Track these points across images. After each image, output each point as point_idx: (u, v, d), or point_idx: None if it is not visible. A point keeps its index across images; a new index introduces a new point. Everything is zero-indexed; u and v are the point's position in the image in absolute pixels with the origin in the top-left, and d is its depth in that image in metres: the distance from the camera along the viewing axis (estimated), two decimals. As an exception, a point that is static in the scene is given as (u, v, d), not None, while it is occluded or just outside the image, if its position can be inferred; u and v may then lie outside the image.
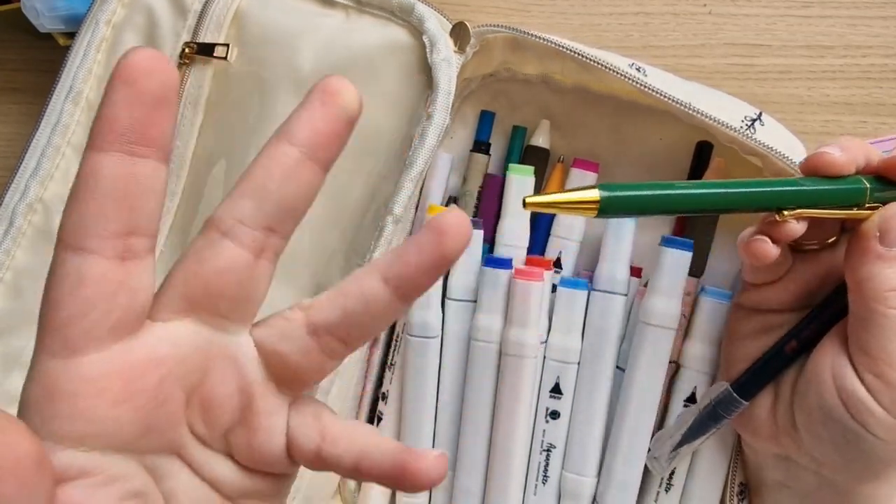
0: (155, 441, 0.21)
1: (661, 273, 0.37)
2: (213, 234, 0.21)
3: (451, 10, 0.41)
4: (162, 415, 0.21)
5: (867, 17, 0.42)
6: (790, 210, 0.30)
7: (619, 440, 0.38)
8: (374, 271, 0.22)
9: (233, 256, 0.21)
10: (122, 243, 0.19)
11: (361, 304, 0.22)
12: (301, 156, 0.21)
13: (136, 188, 0.19)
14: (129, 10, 0.41)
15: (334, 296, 0.22)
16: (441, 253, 0.21)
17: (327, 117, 0.21)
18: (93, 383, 0.20)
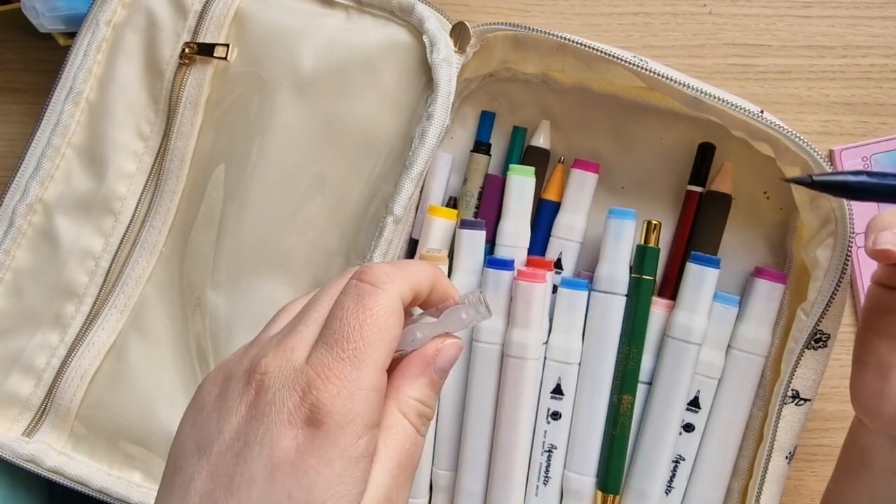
0: None
1: (687, 288, 0.38)
2: None
3: (451, 10, 0.41)
4: None
5: (867, 17, 0.42)
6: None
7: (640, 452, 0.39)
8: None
9: None
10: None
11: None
12: None
13: None
14: (129, 10, 0.41)
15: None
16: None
17: None
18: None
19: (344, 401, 0.23)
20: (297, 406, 0.23)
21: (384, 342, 0.25)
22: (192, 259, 0.41)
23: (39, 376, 0.40)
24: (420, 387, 0.27)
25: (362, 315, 0.25)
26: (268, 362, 0.24)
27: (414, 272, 0.27)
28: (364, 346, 0.24)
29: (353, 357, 0.24)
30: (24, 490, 0.42)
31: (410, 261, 0.28)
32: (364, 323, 0.24)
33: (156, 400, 0.40)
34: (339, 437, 0.23)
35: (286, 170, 0.39)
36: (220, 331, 0.39)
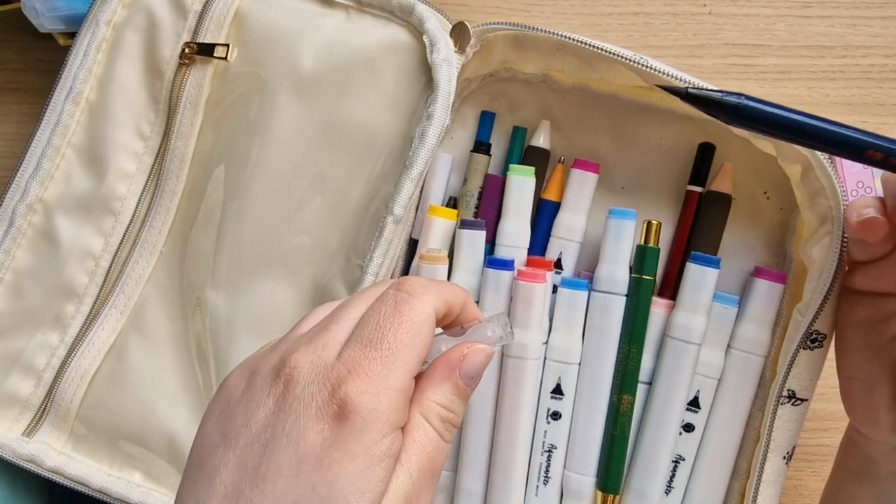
0: None
1: (687, 288, 0.38)
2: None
3: (451, 10, 0.41)
4: None
5: (867, 17, 0.42)
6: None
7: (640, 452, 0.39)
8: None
9: None
10: None
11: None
12: None
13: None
14: (129, 10, 0.41)
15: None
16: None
17: None
18: None
19: (371, 398, 0.24)
20: (327, 401, 0.24)
21: (416, 347, 0.25)
22: (192, 259, 0.41)
23: (39, 376, 0.40)
24: (444, 391, 0.27)
25: (398, 319, 0.25)
26: (298, 357, 0.25)
27: (449, 290, 0.28)
28: (397, 348, 0.25)
29: (385, 357, 0.25)
30: (24, 490, 0.42)
31: (445, 281, 0.30)
32: (399, 326, 0.25)
33: (156, 400, 0.40)
34: (363, 433, 0.23)
35: (286, 170, 0.39)
36: (220, 331, 0.39)
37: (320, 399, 0.24)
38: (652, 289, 0.39)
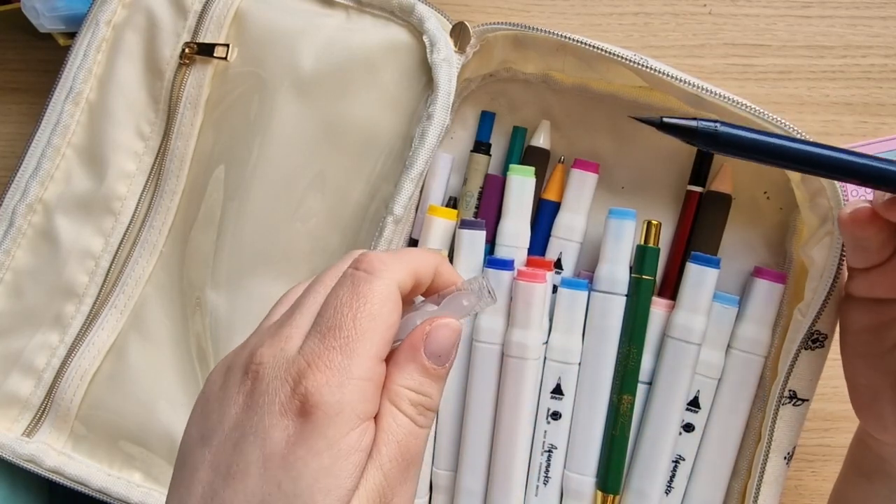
0: None
1: (688, 288, 0.38)
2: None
3: (451, 10, 0.41)
4: None
5: (867, 17, 0.42)
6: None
7: (640, 452, 0.39)
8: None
9: None
10: None
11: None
12: None
13: None
14: (129, 10, 0.41)
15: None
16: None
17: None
18: None
19: (333, 390, 0.23)
20: (289, 397, 0.23)
21: (378, 331, 0.24)
22: (193, 259, 0.41)
23: (39, 376, 0.40)
24: (410, 373, 0.25)
25: (356, 303, 0.24)
26: (263, 352, 0.24)
27: (414, 258, 0.26)
28: (357, 335, 0.24)
29: (345, 346, 0.23)
30: (24, 490, 0.42)
31: (411, 248, 0.28)
32: (358, 311, 0.24)
33: (156, 400, 0.40)
34: (327, 427, 0.23)
35: (286, 170, 0.39)
36: (220, 331, 0.39)
37: (283, 395, 0.23)
38: (652, 289, 0.39)
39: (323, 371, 0.23)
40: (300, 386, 0.23)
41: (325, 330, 0.24)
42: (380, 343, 0.24)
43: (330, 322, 0.24)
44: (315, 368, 0.23)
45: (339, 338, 0.23)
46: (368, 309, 0.24)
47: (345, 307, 0.24)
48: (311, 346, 0.24)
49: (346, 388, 0.23)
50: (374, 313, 0.24)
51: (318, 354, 0.23)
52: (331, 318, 0.24)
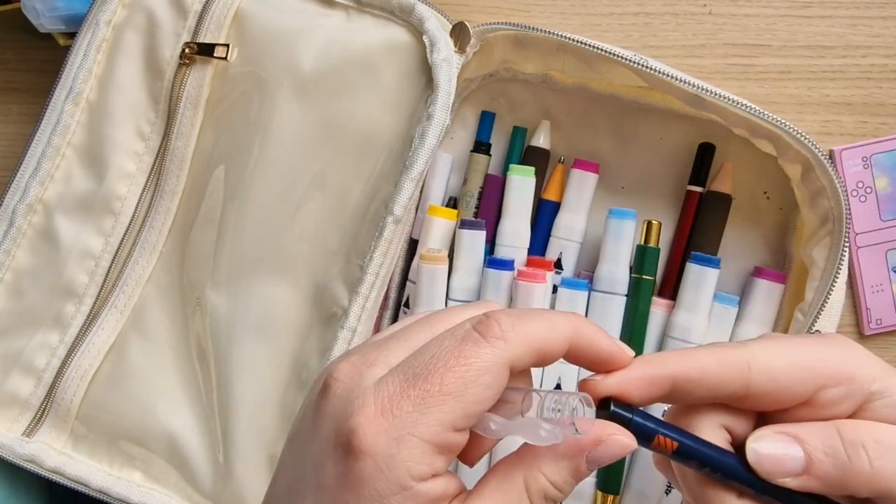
0: None
1: (687, 288, 0.38)
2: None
3: (451, 10, 0.41)
4: None
5: (867, 17, 0.42)
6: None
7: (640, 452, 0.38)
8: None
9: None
10: None
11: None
12: None
13: None
14: (129, 10, 0.41)
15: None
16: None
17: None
18: None
19: (388, 442, 0.21)
20: (343, 426, 0.21)
21: (464, 399, 0.21)
22: (193, 259, 0.41)
23: (39, 376, 0.40)
24: (561, 469, 0.23)
25: (454, 361, 0.22)
26: (342, 367, 0.23)
27: (542, 329, 0.23)
28: (440, 394, 0.21)
29: (422, 400, 0.21)
30: (24, 490, 0.42)
31: (544, 312, 0.24)
32: (450, 370, 0.21)
33: (156, 400, 0.40)
34: (376, 480, 0.21)
35: (286, 170, 0.39)
36: (220, 331, 0.39)
37: (340, 422, 0.21)
38: (652, 289, 0.39)
39: (387, 417, 0.21)
40: (352, 421, 0.21)
41: (410, 375, 0.22)
42: (461, 412, 0.22)
43: (418, 369, 0.22)
44: (379, 410, 0.21)
45: (420, 389, 0.21)
46: (463, 372, 0.22)
47: (440, 360, 0.22)
48: (390, 383, 0.22)
49: (403, 444, 0.21)
50: (467, 379, 0.22)
51: (389, 396, 0.21)
52: (421, 365, 0.22)
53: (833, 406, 0.24)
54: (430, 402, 0.21)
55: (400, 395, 0.21)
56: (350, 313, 0.37)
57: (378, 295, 0.38)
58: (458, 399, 0.21)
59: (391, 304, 0.42)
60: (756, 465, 0.24)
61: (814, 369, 0.24)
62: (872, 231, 0.41)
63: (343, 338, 0.37)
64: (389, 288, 0.42)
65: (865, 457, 0.23)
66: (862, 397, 0.24)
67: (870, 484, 0.23)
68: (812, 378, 0.24)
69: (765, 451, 0.24)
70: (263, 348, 0.39)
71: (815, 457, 0.23)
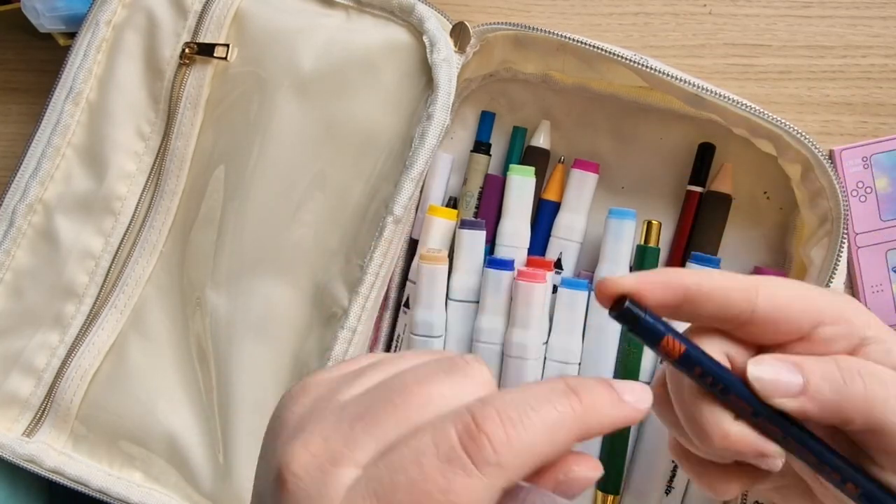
0: None
1: None
2: None
3: (451, 10, 0.41)
4: None
5: (867, 17, 0.42)
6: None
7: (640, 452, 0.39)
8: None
9: None
10: None
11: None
12: None
13: None
14: (129, 10, 0.41)
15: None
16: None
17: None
18: None
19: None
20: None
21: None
22: (193, 259, 0.41)
23: (39, 376, 0.40)
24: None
25: (439, 497, 0.18)
26: (300, 458, 0.20)
27: (541, 444, 0.20)
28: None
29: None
30: (24, 490, 0.42)
31: (544, 410, 0.21)
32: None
33: (156, 400, 0.40)
34: None
35: (286, 170, 0.39)
36: (220, 331, 0.39)
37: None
38: (652, 289, 0.39)
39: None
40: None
41: (385, 500, 0.19)
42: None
43: (396, 495, 0.19)
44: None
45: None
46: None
47: (421, 491, 0.18)
48: (354, 499, 0.19)
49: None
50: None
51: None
52: (398, 490, 0.19)
53: (829, 343, 0.25)
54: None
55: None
56: (350, 313, 0.37)
57: (378, 295, 0.38)
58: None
59: (391, 304, 0.42)
60: (755, 382, 0.24)
61: (815, 305, 0.25)
62: (872, 231, 0.41)
63: (343, 338, 0.37)
64: (389, 288, 0.42)
65: (861, 382, 0.24)
66: (857, 339, 0.25)
67: (863, 409, 0.24)
68: (813, 312, 0.25)
69: (765, 372, 0.24)
70: (263, 348, 0.39)
71: (813, 380, 0.24)
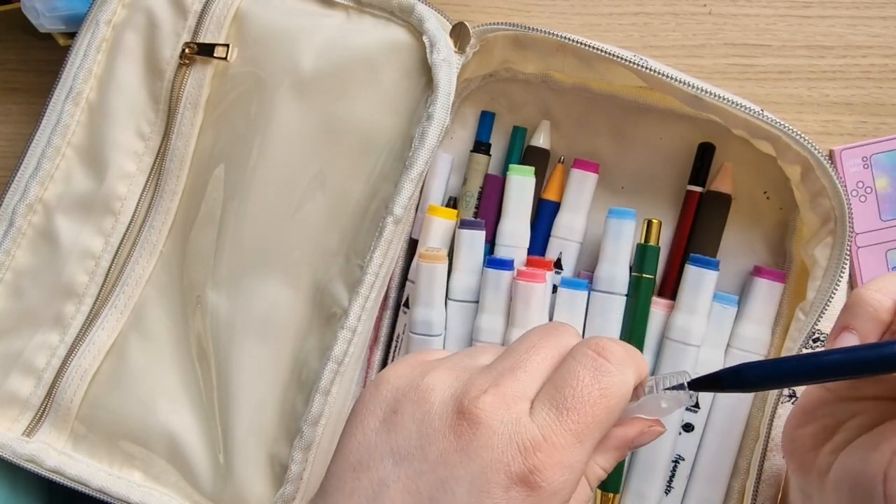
0: None
1: (686, 290, 0.38)
2: None
3: (451, 10, 0.41)
4: None
5: (867, 17, 0.42)
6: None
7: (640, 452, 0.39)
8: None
9: None
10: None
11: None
12: None
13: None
14: (129, 10, 0.41)
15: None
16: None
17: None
18: None
19: (562, 472, 0.24)
20: (518, 462, 0.23)
21: (606, 425, 0.25)
22: (193, 259, 0.41)
23: (39, 376, 0.40)
24: (610, 458, 0.27)
25: (598, 393, 0.25)
26: (486, 400, 0.24)
27: (643, 361, 0.27)
28: (593, 424, 0.24)
29: (580, 432, 0.24)
30: (24, 490, 0.42)
31: (638, 351, 0.28)
32: (598, 402, 0.24)
33: (156, 400, 0.40)
34: (548, 502, 0.23)
35: (286, 170, 0.39)
36: (220, 330, 0.39)
37: (510, 457, 0.23)
38: (652, 288, 0.39)
39: (558, 450, 0.24)
40: (532, 457, 0.23)
41: (564, 409, 0.24)
42: (601, 435, 0.25)
43: (570, 402, 0.24)
44: (551, 446, 0.24)
45: (578, 422, 0.24)
46: (608, 403, 0.25)
47: (586, 393, 0.25)
48: (547, 419, 0.24)
49: (572, 473, 0.24)
50: (611, 408, 0.25)
51: (554, 431, 0.24)
52: (570, 399, 0.24)
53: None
54: (586, 432, 0.24)
55: (563, 430, 0.24)
56: (350, 313, 0.37)
57: (378, 295, 0.38)
58: (604, 425, 0.25)
59: (391, 304, 0.42)
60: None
61: None
62: (872, 231, 0.41)
63: (343, 338, 0.37)
64: (389, 288, 0.42)
65: None
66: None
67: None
68: None
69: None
70: (264, 348, 0.39)
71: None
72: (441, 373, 0.26)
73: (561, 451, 0.24)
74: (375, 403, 0.26)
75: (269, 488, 0.38)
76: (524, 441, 0.24)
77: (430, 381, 0.26)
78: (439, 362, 0.27)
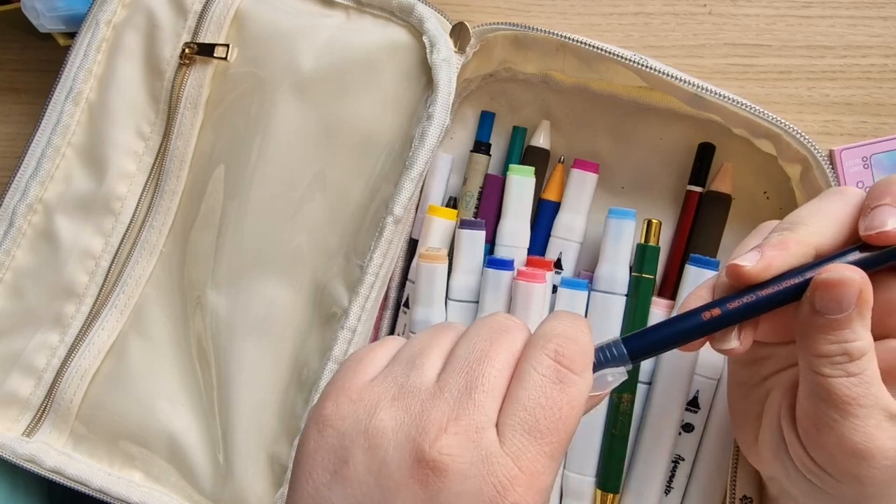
0: None
1: (686, 290, 0.38)
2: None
3: (451, 10, 0.41)
4: None
5: (867, 17, 0.42)
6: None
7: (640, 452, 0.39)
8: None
9: None
10: None
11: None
12: None
13: None
14: (129, 10, 0.41)
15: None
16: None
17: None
18: None
19: (541, 495, 0.23)
20: (495, 501, 0.22)
21: (573, 432, 0.24)
22: (193, 259, 0.41)
23: (39, 376, 0.40)
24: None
25: (567, 407, 0.23)
26: (450, 442, 0.22)
27: (590, 344, 0.26)
28: (566, 439, 0.23)
29: (555, 451, 0.23)
30: (24, 490, 0.42)
31: (590, 337, 0.26)
32: (569, 416, 0.23)
33: (156, 400, 0.40)
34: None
35: (286, 170, 0.39)
36: (220, 330, 0.40)
37: (488, 501, 0.22)
38: (652, 288, 0.39)
39: (537, 478, 0.22)
40: (513, 494, 0.22)
41: (538, 432, 0.23)
42: (569, 442, 0.24)
43: (542, 425, 0.23)
44: (529, 475, 0.22)
45: (552, 443, 0.23)
46: (577, 413, 0.24)
47: (557, 409, 0.23)
48: (521, 446, 0.23)
49: (549, 492, 0.23)
50: (578, 416, 0.24)
51: (530, 459, 0.22)
52: (543, 420, 0.23)
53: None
54: (560, 449, 0.23)
55: (540, 455, 0.23)
56: (350, 313, 0.37)
57: (378, 295, 0.38)
58: (573, 433, 0.24)
59: (391, 303, 0.42)
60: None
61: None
62: (872, 231, 0.41)
63: (343, 338, 0.37)
64: (389, 288, 0.42)
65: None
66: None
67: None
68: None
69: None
70: (264, 348, 0.39)
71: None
72: (388, 409, 0.23)
73: (539, 477, 0.22)
74: (321, 453, 0.23)
75: (269, 488, 0.38)
76: (500, 479, 0.22)
77: (377, 422, 0.23)
78: (381, 388, 0.24)
